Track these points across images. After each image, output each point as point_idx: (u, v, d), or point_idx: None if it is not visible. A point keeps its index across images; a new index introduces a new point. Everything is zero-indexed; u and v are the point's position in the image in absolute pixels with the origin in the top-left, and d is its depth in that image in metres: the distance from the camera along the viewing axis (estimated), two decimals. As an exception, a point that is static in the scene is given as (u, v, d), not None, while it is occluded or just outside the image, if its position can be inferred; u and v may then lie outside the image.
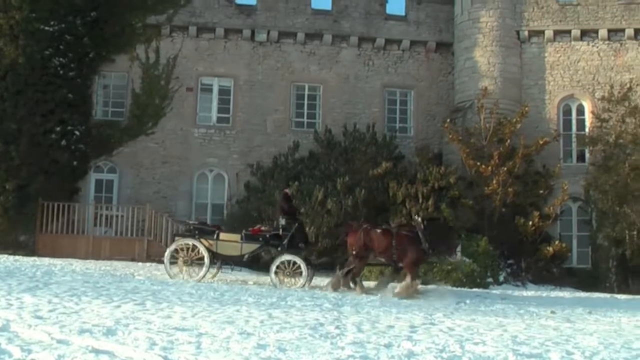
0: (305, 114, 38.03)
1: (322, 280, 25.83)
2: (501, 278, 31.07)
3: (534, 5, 37.17)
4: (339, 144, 35.78)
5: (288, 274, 23.69)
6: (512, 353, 12.75)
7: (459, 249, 24.69)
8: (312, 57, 38.35)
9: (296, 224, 24.67)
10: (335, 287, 23.49)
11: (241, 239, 24.27)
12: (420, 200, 32.10)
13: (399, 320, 16.67)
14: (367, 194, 32.62)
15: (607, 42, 36.91)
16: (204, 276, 23.74)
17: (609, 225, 33.12)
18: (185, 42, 37.71)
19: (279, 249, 24.27)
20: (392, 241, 23.81)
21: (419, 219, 24.46)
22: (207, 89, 37.87)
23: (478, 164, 33.64)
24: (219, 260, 24.98)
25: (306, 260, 24.13)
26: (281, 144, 36.61)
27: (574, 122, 37.12)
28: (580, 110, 37.06)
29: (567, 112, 37.19)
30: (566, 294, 29.29)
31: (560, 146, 36.58)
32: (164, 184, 36.65)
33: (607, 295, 28.27)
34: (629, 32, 36.65)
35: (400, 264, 23.99)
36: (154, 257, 30.71)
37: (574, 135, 36.93)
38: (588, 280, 32.56)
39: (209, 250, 23.86)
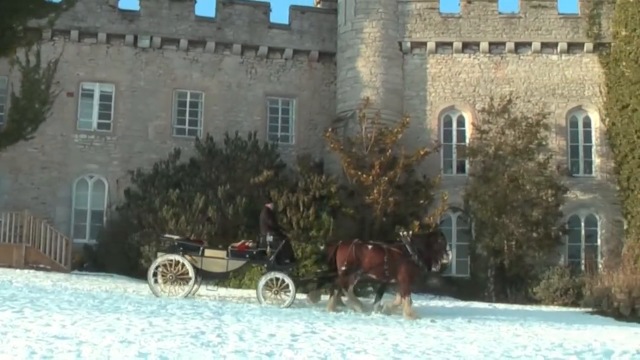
0: (187, 121, 37.82)
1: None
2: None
3: (417, 17, 37.68)
4: (220, 151, 35.65)
5: (275, 291, 23.35)
6: (393, 362, 12.83)
7: (448, 248, 24.69)
8: (195, 64, 38.17)
9: (283, 241, 24.29)
10: (333, 308, 23.23)
11: (227, 255, 23.87)
12: (301, 209, 32.19)
13: (281, 329, 16.67)
14: (248, 202, 32.57)
15: (488, 54, 37.68)
16: (189, 292, 23.30)
17: (487, 235, 33.76)
18: (66, 46, 37.16)
19: (266, 266, 23.92)
20: (384, 257, 23.81)
21: (405, 233, 24.55)
22: (88, 95, 37.36)
23: (359, 173, 33.88)
24: (204, 277, 24.43)
25: (293, 278, 23.85)
26: (162, 151, 36.32)
27: (454, 133, 37.77)
28: (461, 122, 37.71)
29: (448, 123, 37.81)
30: (446, 302, 29.70)
31: (441, 157, 37.15)
32: (43, 189, 36.01)
33: (486, 304, 28.77)
34: (510, 45, 37.51)
35: (393, 280, 24.01)
36: (32, 263, 30.11)
37: (454, 146, 37.56)
38: (467, 289, 33.10)
39: (193, 266, 23.40)
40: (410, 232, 25.06)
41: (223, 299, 24.40)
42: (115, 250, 32.26)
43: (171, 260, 23.41)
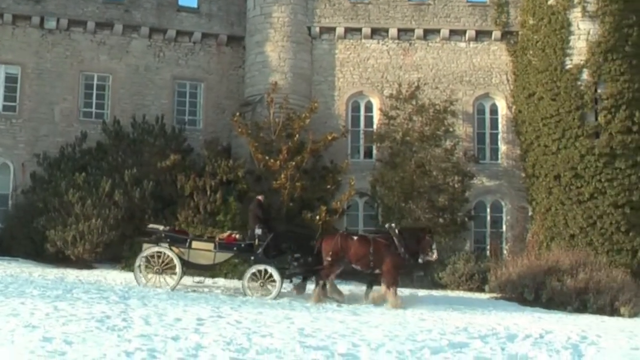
0: (94, 104, 37.31)
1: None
2: (288, 272, 31.33)
3: (326, 3, 37.75)
4: (127, 135, 35.31)
5: (261, 283, 23.30)
6: (299, 345, 12.96)
7: (434, 246, 24.72)
8: (102, 46, 37.67)
9: (272, 234, 24.24)
10: (318, 300, 23.16)
11: (214, 247, 23.76)
12: (208, 193, 32.13)
13: (187, 313, 16.70)
14: (155, 186, 32.45)
15: (396, 41, 37.91)
16: (176, 285, 23.09)
17: (394, 220, 33.91)
18: (-29, 27, 36.38)
19: (253, 258, 23.77)
20: (369, 248, 23.71)
21: (393, 225, 24.51)
22: (-7, 77, 36.61)
23: (267, 158, 33.86)
24: (190, 269, 24.29)
25: (280, 270, 23.71)
26: (69, 134, 35.81)
27: (362, 118, 37.92)
28: (369, 107, 37.91)
29: (356, 108, 37.96)
30: (352, 287, 29.90)
31: (349, 142, 37.32)
32: (-53, 173, 35.23)
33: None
34: (419, 32, 37.78)
35: (377, 271, 23.91)
36: None
37: (362, 132, 37.71)
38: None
39: (180, 258, 23.23)
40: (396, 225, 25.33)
41: (129, 283, 24.25)
42: (20, 235, 31.74)
43: (158, 252, 23.30)
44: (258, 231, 23.99)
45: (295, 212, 33.40)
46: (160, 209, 32.36)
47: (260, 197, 25.72)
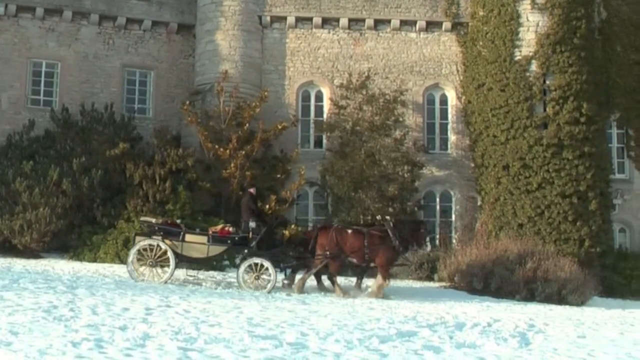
0: (42, 91, 36.81)
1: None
2: (237, 261, 31.27)
3: (277, -9, 37.65)
4: (76, 123, 34.89)
5: (256, 276, 23.17)
6: (247, 335, 12.93)
7: (428, 239, 24.85)
8: (51, 33, 37.18)
9: (265, 227, 24.19)
10: (300, 290, 23.27)
11: (208, 240, 23.53)
12: (158, 182, 31.89)
13: (135, 303, 16.59)
14: (104, 175, 32.14)
15: (347, 30, 37.87)
16: (169, 278, 22.88)
17: (344, 210, 34.02)
18: None
19: (247, 251, 23.60)
20: (364, 241, 23.65)
21: (388, 218, 24.52)
22: (-60, 63, 36.04)
23: (216, 147, 33.69)
24: (185, 262, 24.11)
25: (275, 264, 23.56)
26: (16, 122, 35.28)
27: (312, 108, 37.86)
28: (319, 97, 37.86)
29: (306, 98, 37.90)
30: (298, 277, 29.88)
31: (299, 131, 37.26)
32: None
33: (342, 279, 28.99)
34: (369, 22, 37.75)
35: (372, 264, 23.88)
36: None
37: (312, 121, 37.65)
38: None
39: (173, 251, 22.99)
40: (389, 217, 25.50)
41: (77, 272, 24.04)
42: (-33, 224, 31.31)
43: (151, 245, 23.07)
44: (252, 224, 23.89)
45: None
46: (109, 198, 32.09)
47: (252, 190, 25.70)
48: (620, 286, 33.06)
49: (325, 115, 37.30)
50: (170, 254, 22.95)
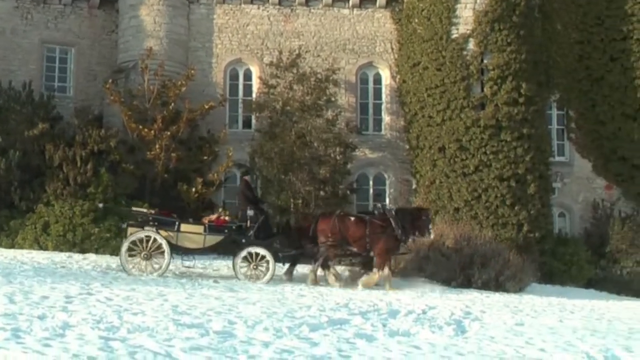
0: (-44, 69, 36.22)
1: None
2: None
3: (204, -36, 37.39)
4: (-9, 102, 34.34)
5: (254, 267, 23.29)
6: (172, 323, 12.90)
7: (431, 227, 25.20)
8: (-36, 7, 36.57)
9: (263, 216, 24.33)
10: (313, 282, 23.59)
11: (204, 230, 23.60)
12: (79, 164, 31.50)
13: (54, 291, 16.47)
14: (22, 156, 31.66)
15: (277, 6, 37.78)
16: (165, 271, 22.89)
17: (274, 193, 33.94)
18: None
19: (244, 240, 23.66)
20: (366, 229, 23.60)
21: (390, 206, 24.51)
22: None
23: (140, 127, 33.39)
24: (180, 253, 23.95)
25: (274, 253, 23.65)
26: None
27: (241, 87, 37.75)
28: (248, 75, 37.74)
29: (235, 76, 37.75)
30: (230, 262, 29.85)
31: (227, 111, 37.11)
32: None
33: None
34: (301, -3, 37.73)
35: (372, 253, 23.87)
36: None
37: (240, 101, 37.54)
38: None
39: (168, 242, 22.96)
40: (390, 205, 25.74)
41: None
42: None
43: (146, 237, 23.05)
44: (250, 212, 24.17)
45: (170, 184, 33.10)
46: (28, 181, 31.65)
47: (247, 178, 26.19)
48: (560, 272, 33.45)
49: (254, 95, 37.18)
50: (165, 245, 23.03)
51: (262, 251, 23.43)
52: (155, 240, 23.12)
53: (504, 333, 14.92)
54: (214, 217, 25.13)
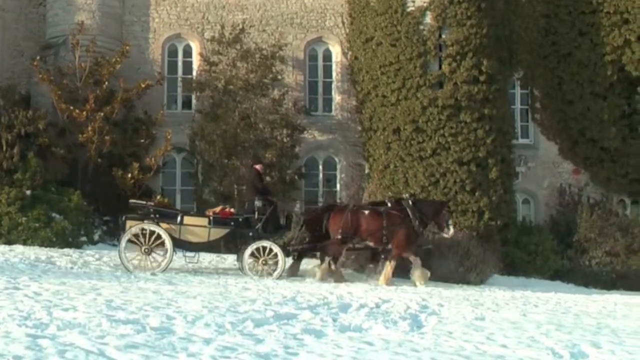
0: None
1: None
2: (96, 237, 31.10)
3: None
4: None
5: (263, 262, 23.49)
6: (106, 319, 12.92)
7: (450, 222, 25.18)
8: None
9: (272, 207, 24.47)
10: (323, 278, 23.87)
11: (209, 223, 23.78)
12: (4, 149, 31.29)
13: (-22, 285, 16.36)
14: (-61, 140, 31.40)
15: (219, -21, 37.66)
16: (167, 266, 23.08)
17: (216, 178, 33.94)
18: None
19: (251, 234, 23.87)
20: (382, 222, 23.55)
21: (407, 197, 24.51)
22: None
23: (71, 108, 33.20)
24: (183, 247, 24.10)
25: (283, 247, 23.94)
26: None
27: (180, 64, 37.60)
28: (188, 52, 37.60)
29: (173, 53, 37.59)
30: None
31: (165, 91, 36.94)
32: None
33: (214, 256, 29.03)
34: (253, -31, 37.63)
35: (390, 246, 23.85)
36: None
37: (179, 79, 37.40)
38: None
39: (171, 236, 23.09)
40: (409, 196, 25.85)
41: None
42: None
43: (145, 230, 23.15)
44: (258, 203, 24.37)
45: (104, 170, 32.97)
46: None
47: (258, 167, 26.21)
48: (524, 263, 33.66)
49: (194, 73, 37.06)
50: (167, 239, 23.19)
51: (271, 245, 23.64)
52: (156, 233, 23.35)
53: (463, 328, 15.08)
54: (218, 209, 25.32)
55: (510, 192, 34.79)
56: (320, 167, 37.17)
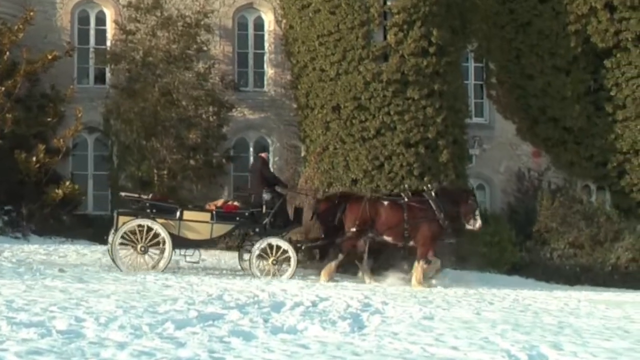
0: None
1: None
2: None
3: None
4: None
5: (273, 262, 23.59)
6: (5, 322, 12.86)
7: (477, 212, 25.57)
8: None
9: (281, 200, 24.54)
10: (330, 276, 24.08)
11: (212, 218, 23.79)
12: None
13: None
14: None
15: None
16: (165, 266, 23.26)
17: (133, 162, 33.79)
18: None
19: (258, 230, 24.03)
20: (403, 215, 23.34)
21: (429, 186, 24.48)
22: None
23: (-34, 83, 32.96)
24: (183, 245, 24.03)
25: (294, 245, 23.98)
26: None
27: (92, 33, 37.37)
28: (101, 19, 37.37)
29: (85, 20, 37.32)
30: (79, 247, 29.71)
31: (75, 63, 36.71)
32: None
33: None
34: None
35: (412, 243, 23.65)
36: None
37: (91, 50, 37.15)
38: (107, 230, 33.02)
39: (169, 233, 23.13)
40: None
41: None
42: None
43: (141, 227, 23.22)
44: (266, 196, 24.43)
45: (5, 152, 32.64)
46: None
47: (264, 155, 26.38)
48: (478, 256, 33.82)
49: (108, 43, 36.82)
50: (166, 236, 23.32)
51: (280, 243, 23.85)
52: (153, 230, 23.44)
53: (410, 328, 15.13)
54: (219, 202, 25.32)
55: (463, 177, 34.86)
56: (251, 149, 37.11)
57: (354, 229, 24.86)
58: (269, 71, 37.76)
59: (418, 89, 33.34)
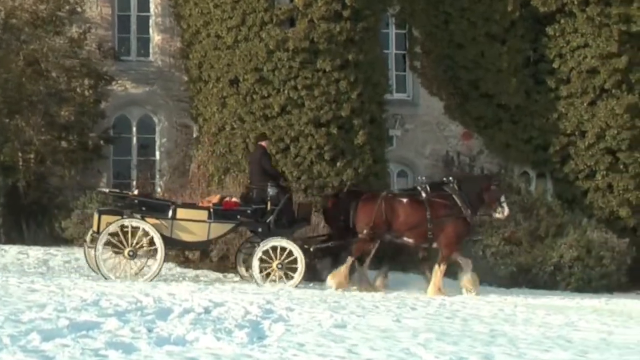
0: None
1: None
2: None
3: None
4: None
5: (279, 266, 23.72)
6: None
7: (503, 199, 25.77)
8: None
9: (287, 195, 24.74)
10: (340, 283, 24.49)
11: (209, 217, 23.81)
12: None
13: None
14: None
15: None
16: (158, 272, 23.37)
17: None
18: None
19: (261, 230, 24.11)
20: (425, 213, 23.37)
21: (451, 179, 24.45)
22: None
23: None
24: (176, 247, 24.50)
25: (302, 247, 24.00)
26: None
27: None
28: (-47, -27, 37.00)
29: None
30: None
31: None
32: None
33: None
34: None
35: (436, 244, 24.23)
36: None
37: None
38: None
39: (161, 234, 23.09)
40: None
41: None
42: None
43: (126, 227, 23.18)
44: (271, 191, 24.53)
45: None
46: None
47: (264, 143, 26.78)
48: (400, 254, 33.92)
49: (-38, 2, 36.50)
50: (156, 237, 23.35)
51: (287, 245, 24.02)
52: (142, 231, 23.56)
53: (318, 338, 15.18)
54: (215, 198, 25.33)
55: (382, 161, 35.02)
56: (134, 129, 37.05)
57: (366, 231, 25.01)
58: (156, 37, 37.68)
59: (330, 60, 33.37)
